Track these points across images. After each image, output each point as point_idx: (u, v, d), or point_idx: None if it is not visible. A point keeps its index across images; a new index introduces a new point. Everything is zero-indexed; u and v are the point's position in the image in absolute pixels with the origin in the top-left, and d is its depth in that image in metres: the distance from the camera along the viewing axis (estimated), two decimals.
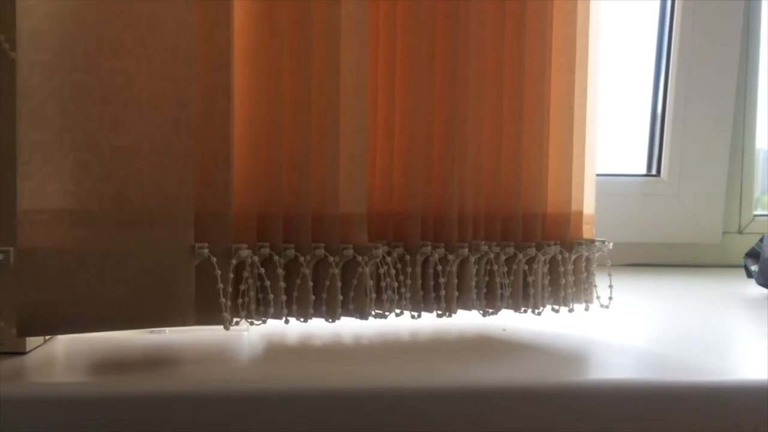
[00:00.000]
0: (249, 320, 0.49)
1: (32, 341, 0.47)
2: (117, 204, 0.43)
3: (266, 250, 0.48)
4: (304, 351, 0.49)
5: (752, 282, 0.77)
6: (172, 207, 0.44)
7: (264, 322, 0.49)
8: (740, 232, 0.96)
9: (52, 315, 0.42)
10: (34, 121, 0.41)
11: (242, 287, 0.48)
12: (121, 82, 0.43)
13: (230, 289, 0.47)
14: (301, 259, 0.49)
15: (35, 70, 0.41)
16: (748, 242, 0.87)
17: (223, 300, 0.46)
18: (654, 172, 0.95)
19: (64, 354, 0.47)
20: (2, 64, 0.43)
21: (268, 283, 0.49)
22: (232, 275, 0.47)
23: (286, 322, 0.50)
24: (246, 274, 0.48)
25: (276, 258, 0.49)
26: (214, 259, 0.46)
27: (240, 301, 0.48)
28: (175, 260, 0.44)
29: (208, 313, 0.46)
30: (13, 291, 0.42)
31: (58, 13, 0.41)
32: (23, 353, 0.46)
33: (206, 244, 0.45)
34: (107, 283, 0.43)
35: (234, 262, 0.47)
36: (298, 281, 0.49)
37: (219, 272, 0.46)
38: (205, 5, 0.45)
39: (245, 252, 0.47)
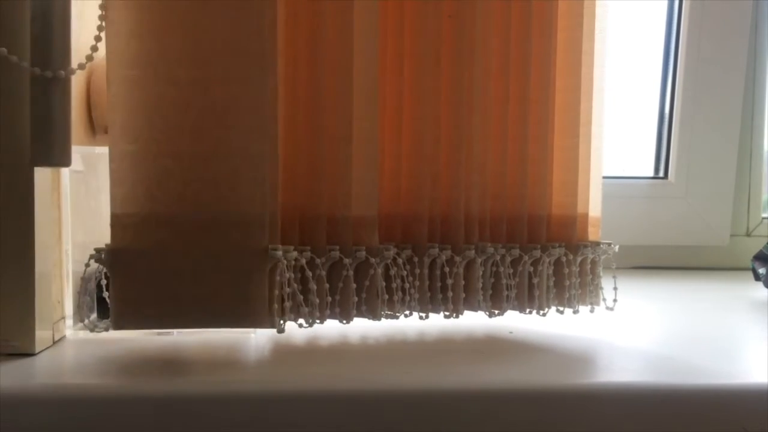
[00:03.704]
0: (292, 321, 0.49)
1: (41, 343, 0.47)
2: (196, 206, 0.45)
3: (309, 254, 0.48)
4: (311, 352, 0.49)
5: (760, 285, 0.77)
6: (249, 209, 0.45)
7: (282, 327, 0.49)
8: (748, 234, 0.96)
9: (138, 311, 0.45)
10: (124, 132, 0.45)
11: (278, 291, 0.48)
12: (198, 90, 0.44)
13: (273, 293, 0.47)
14: (318, 261, 0.49)
15: (123, 85, 0.45)
16: (756, 245, 0.87)
17: (278, 305, 0.47)
18: (661, 174, 0.95)
19: (72, 356, 0.47)
20: (2, 68, 0.44)
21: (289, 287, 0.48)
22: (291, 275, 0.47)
23: (309, 324, 0.50)
24: (277, 278, 0.48)
25: (302, 261, 0.49)
26: (284, 262, 0.46)
27: (289, 304, 0.48)
28: (250, 262, 0.45)
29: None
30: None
31: (140, 31, 0.44)
32: (32, 355, 0.46)
33: (279, 246, 0.46)
34: (185, 282, 0.45)
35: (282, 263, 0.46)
36: (314, 283, 0.49)
37: (288, 275, 0.46)
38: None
39: (293, 254, 0.47)
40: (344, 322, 0.50)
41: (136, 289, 0.45)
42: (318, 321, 0.50)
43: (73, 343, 0.50)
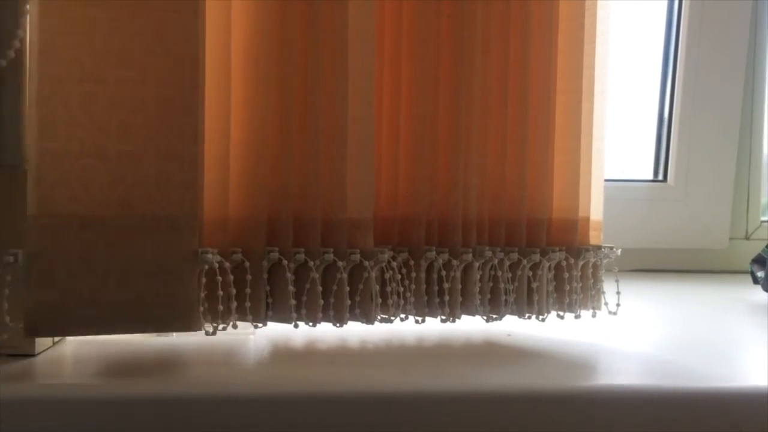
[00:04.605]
0: (254, 324, 0.49)
1: (41, 344, 0.47)
2: (123, 208, 0.44)
3: (275, 255, 0.49)
4: (309, 355, 0.49)
5: (758, 288, 0.77)
6: (177, 212, 0.45)
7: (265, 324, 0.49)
8: (747, 238, 0.96)
9: (57, 316, 0.43)
10: (44, 129, 0.43)
11: (248, 291, 0.48)
12: (128, 90, 0.44)
13: (234, 293, 0.48)
14: (311, 263, 0.49)
15: (46, 82, 0.43)
16: (755, 248, 0.87)
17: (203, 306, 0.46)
18: (661, 177, 0.95)
19: (72, 356, 0.47)
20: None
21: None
22: (232, 277, 0.47)
23: (296, 326, 0.50)
24: (249, 277, 0.48)
25: (285, 262, 0.49)
26: (216, 264, 0.46)
27: (248, 304, 0.48)
28: (179, 265, 0.45)
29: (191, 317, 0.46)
30: (22, 292, 0.43)
31: (69, 29, 0.43)
32: (32, 356, 0.46)
33: (209, 249, 0.46)
34: (111, 286, 0.43)
35: (213, 265, 0.46)
36: (308, 285, 0.49)
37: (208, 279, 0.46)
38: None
39: (238, 256, 0.47)
40: (338, 325, 0.50)
41: (57, 294, 0.43)
42: (310, 323, 0.50)
43: (73, 343, 0.50)
